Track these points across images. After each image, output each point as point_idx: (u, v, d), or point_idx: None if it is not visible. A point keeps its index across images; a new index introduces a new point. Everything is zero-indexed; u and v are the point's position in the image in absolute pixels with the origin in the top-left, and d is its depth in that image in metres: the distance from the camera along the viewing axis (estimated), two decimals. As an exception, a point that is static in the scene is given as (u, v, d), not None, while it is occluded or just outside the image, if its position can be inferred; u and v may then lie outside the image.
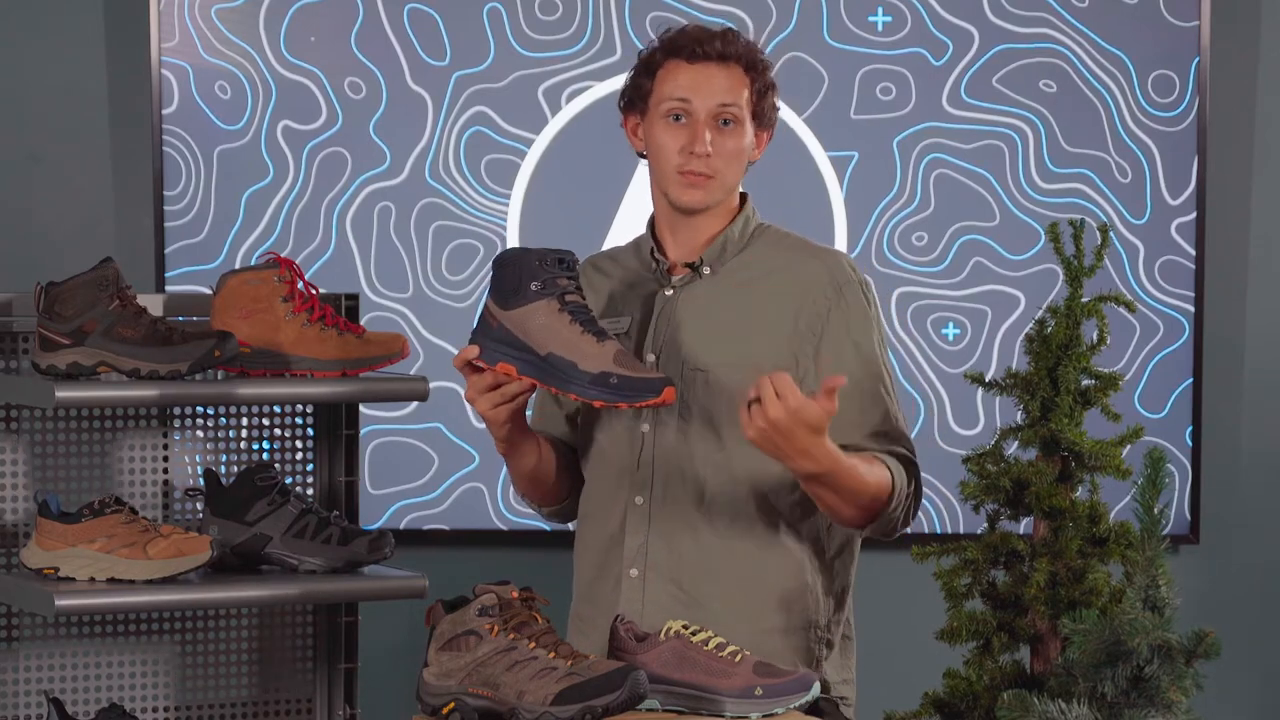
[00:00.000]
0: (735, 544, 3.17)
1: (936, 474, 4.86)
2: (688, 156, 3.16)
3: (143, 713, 3.41)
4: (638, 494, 3.19)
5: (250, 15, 4.84)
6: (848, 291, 3.19)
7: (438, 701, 2.84)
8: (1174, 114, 4.90)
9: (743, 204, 3.27)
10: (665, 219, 3.25)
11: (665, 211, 3.24)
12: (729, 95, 3.17)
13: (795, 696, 2.86)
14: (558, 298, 2.97)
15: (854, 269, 3.24)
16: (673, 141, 3.17)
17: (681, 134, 3.16)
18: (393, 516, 4.89)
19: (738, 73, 3.18)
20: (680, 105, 3.16)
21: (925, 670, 3.91)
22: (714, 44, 3.18)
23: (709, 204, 3.20)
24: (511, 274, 3.00)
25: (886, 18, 4.89)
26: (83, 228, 4.85)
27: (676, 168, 3.17)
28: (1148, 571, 3.37)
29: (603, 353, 2.94)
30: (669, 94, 3.17)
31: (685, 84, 3.17)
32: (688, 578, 3.17)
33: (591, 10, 4.87)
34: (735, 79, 3.18)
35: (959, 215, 4.91)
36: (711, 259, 3.22)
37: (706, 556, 3.17)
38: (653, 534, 3.18)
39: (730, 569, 3.17)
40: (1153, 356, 4.92)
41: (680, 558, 3.18)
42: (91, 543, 3.09)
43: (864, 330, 3.19)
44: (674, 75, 3.18)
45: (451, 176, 4.88)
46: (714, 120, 3.16)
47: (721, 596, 3.16)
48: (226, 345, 3.08)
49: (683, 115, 3.17)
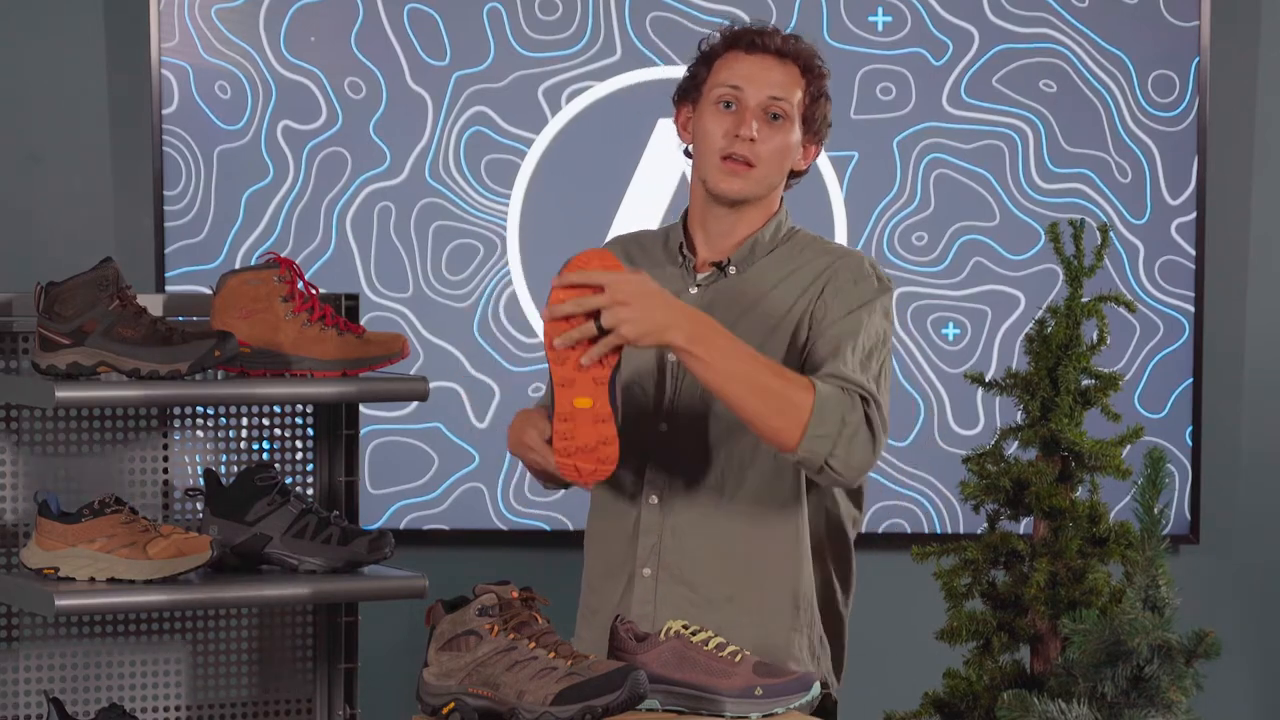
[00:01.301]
0: (748, 545, 3.17)
1: (936, 474, 4.87)
2: (732, 140, 3.14)
3: (143, 713, 3.41)
4: (653, 493, 3.19)
5: (250, 15, 4.84)
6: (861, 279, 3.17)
7: (438, 701, 2.84)
8: (1174, 114, 4.91)
9: (778, 209, 3.26)
10: (700, 214, 3.23)
11: (701, 205, 3.23)
12: (781, 90, 3.16)
13: (795, 696, 2.86)
14: None
15: (874, 266, 3.20)
16: (719, 126, 3.16)
17: (729, 120, 3.16)
18: (393, 516, 4.89)
19: (794, 71, 3.18)
20: (732, 93, 3.16)
21: (925, 670, 3.91)
22: (774, 38, 3.18)
23: (746, 195, 3.18)
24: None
25: (886, 18, 4.89)
26: (83, 228, 4.85)
27: (720, 151, 3.16)
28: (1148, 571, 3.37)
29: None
30: (723, 81, 3.17)
31: (740, 72, 3.16)
32: (700, 578, 3.17)
33: (591, 10, 4.87)
34: (790, 76, 3.17)
35: (959, 215, 4.92)
36: (739, 260, 3.21)
37: (719, 558, 3.17)
38: (666, 534, 3.18)
39: (743, 570, 3.17)
40: (1153, 356, 4.92)
41: (693, 558, 3.17)
42: (91, 543, 3.09)
43: (869, 303, 3.16)
44: (730, 64, 3.18)
45: (451, 176, 4.88)
46: (763, 112, 3.15)
47: (734, 597, 3.16)
48: (226, 345, 3.08)
49: (733, 103, 3.16)
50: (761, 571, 3.17)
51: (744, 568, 3.16)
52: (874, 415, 3.05)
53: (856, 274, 3.17)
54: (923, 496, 4.91)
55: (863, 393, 3.06)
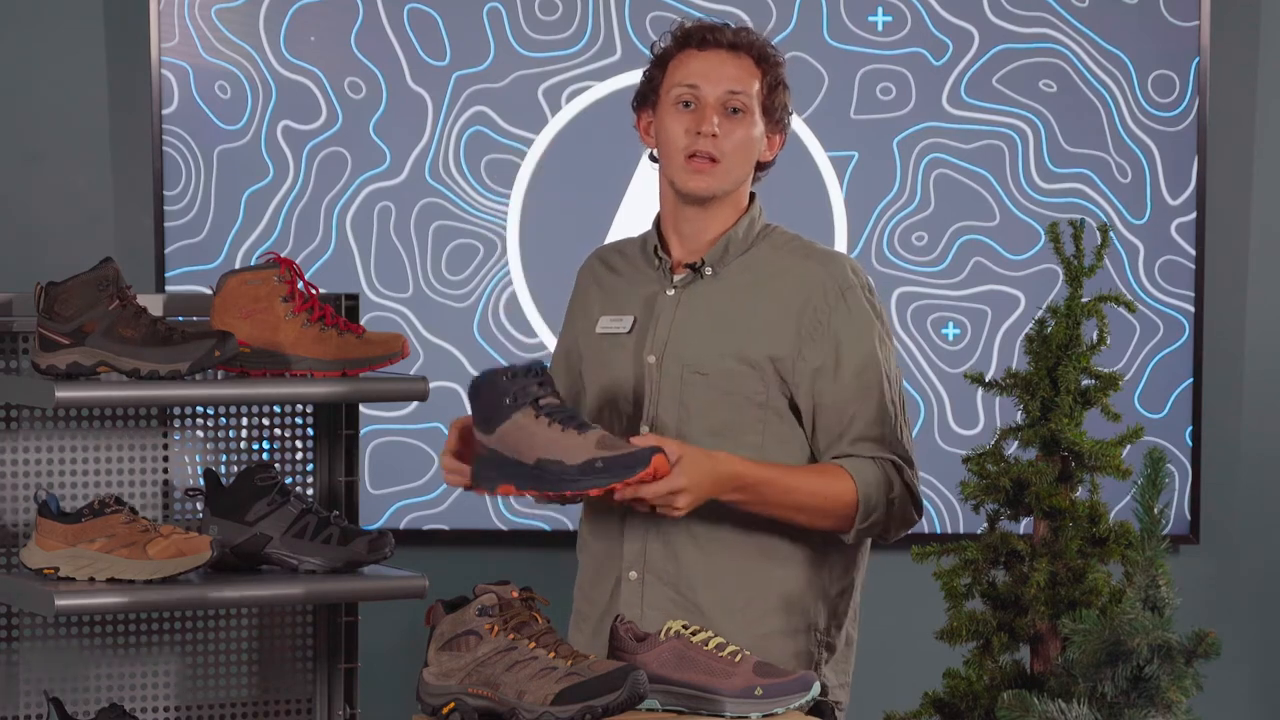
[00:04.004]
0: (734, 549, 3.17)
1: (936, 474, 4.87)
2: (694, 138, 3.15)
3: (143, 713, 3.41)
4: None
5: (250, 15, 4.84)
6: (850, 296, 3.18)
7: (438, 701, 2.84)
8: (1174, 114, 4.90)
9: (750, 204, 3.26)
10: (671, 215, 3.24)
11: (671, 206, 3.23)
12: (738, 84, 3.17)
13: (795, 696, 2.86)
14: (532, 404, 2.99)
15: (857, 272, 3.22)
16: (679, 125, 3.17)
17: (689, 118, 3.17)
18: (393, 516, 4.89)
19: (748, 63, 3.18)
20: (689, 92, 3.17)
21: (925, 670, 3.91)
22: (724, 33, 3.19)
23: (715, 192, 3.18)
24: (486, 398, 3.02)
25: (886, 18, 4.89)
26: (83, 228, 4.85)
27: (683, 150, 3.17)
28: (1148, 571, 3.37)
29: (585, 443, 2.95)
30: (679, 80, 3.18)
31: (695, 70, 3.17)
32: (686, 582, 3.17)
33: (591, 10, 4.87)
34: (745, 69, 3.18)
35: (959, 215, 4.91)
36: (714, 260, 3.21)
37: (705, 561, 3.17)
38: (652, 537, 3.18)
39: (729, 574, 3.17)
40: (1153, 356, 4.92)
41: (679, 562, 3.17)
42: (91, 543, 3.09)
43: (866, 335, 3.19)
44: (684, 64, 3.19)
45: (451, 176, 4.88)
46: (723, 107, 3.16)
47: (720, 601, 3.16)
48: (226, 345, 3.08)
49: (692, 102, 3.17)
50: (749, 574, 3.17)
51: (731, 571, 3.17)
52: (910, 478, 3.20)
53: (851, 300, 3.19)
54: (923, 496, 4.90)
55: (895, 460, 3.17)
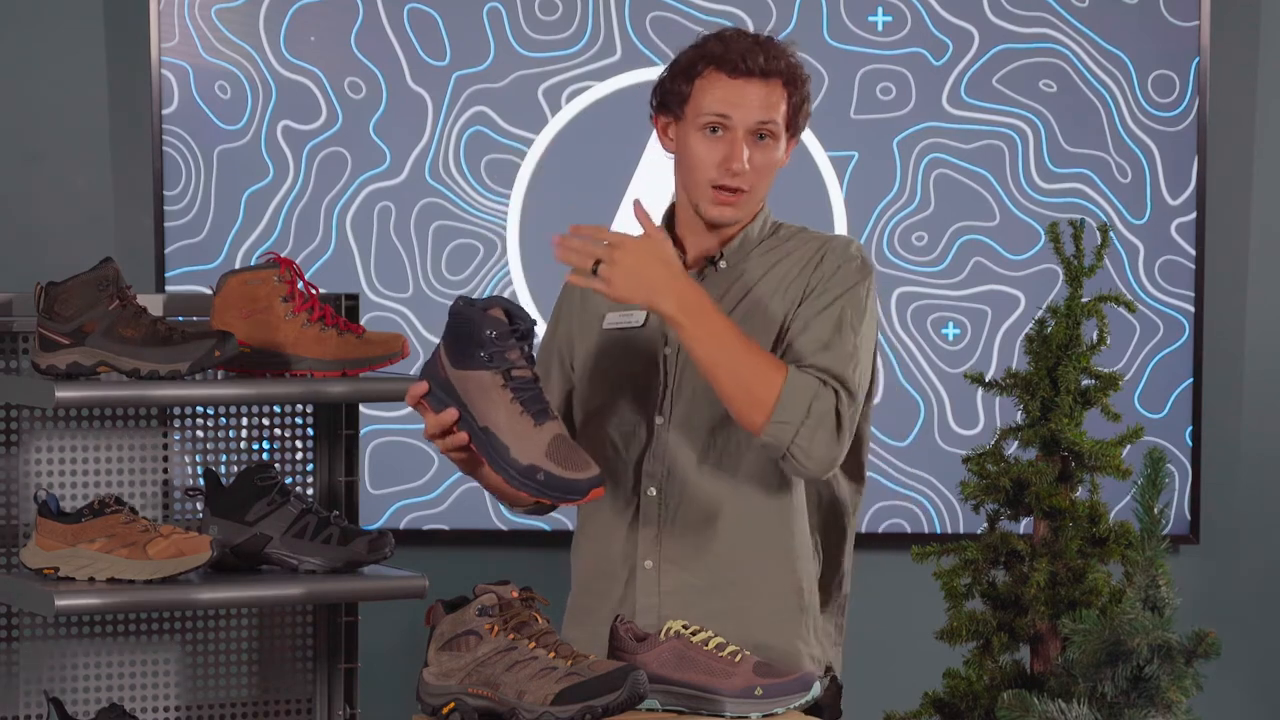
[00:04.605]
0: (748, 530, 3.18)
1: (936, 474, 4.87)
2: (724, 173, 3.15)
3: (143, 713, 3.41)
4: (650, 485, 3.20)
5: (250, 15, 4.84)
6: (829, 255, 3.18)
7: (438, 701, 2.84)
8: (1174, 114, 4.91)
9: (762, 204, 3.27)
10: (688, 220, 3.24)
11: (689, 214, 3.24)
12: (768, 112, 3.15)
13: (795, 696, 2.86)
14: (503, 373, 2.93)
15: (858, 249, 3.21)
16: (709, 155, 3.16)
17: (719, 148, 3.15)
18: (393, 516, 4.89)
19: (777, 88, 3.17)
20: (719, 120, 3.15)
21: (925, 670, 3.91)
22: (757, 59, 3.15)
23: (740, 220, 3.20)
24: (463, 332, 2.95)
25: (886, 18, 4.89)
26: (83, 228, 4.85)
27: (711, 181, 3.16)
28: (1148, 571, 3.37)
29: (537, 440, 2.90)
30: (708, 108, 3.15)
31: (726, 99, 3.15)
32: (703, 567, 3.18)
33: (591, 10, 4.87)
34: (775, 95, 3.16)
35: (959, 215, 4.92)
36: (730, 254, 3.22)
37: (721, 545, 3.18)
38: (666, 525, 3.19)
39: (745, 554, 3.18)
40: (1153, 356, 4.92)
41: (695, 548, 3.18)
42: (91, 543, 3.09)
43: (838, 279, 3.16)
44: (714, 87, 3.16)
45: (451, 176, 4.88)
46: (752, 136, 3.16)
47: (737, 581, 3.17)
48: (226, 345, 3.07)
49: (720, 129, 3.16)
50: (764, 555, 3.18)
51: (745, 552, 3.17)
52: (844, 410, 3.07)
53: (842, 257, 3.18)
54: (923, 496, 4.91)
55: (838, 386, 3.07)
